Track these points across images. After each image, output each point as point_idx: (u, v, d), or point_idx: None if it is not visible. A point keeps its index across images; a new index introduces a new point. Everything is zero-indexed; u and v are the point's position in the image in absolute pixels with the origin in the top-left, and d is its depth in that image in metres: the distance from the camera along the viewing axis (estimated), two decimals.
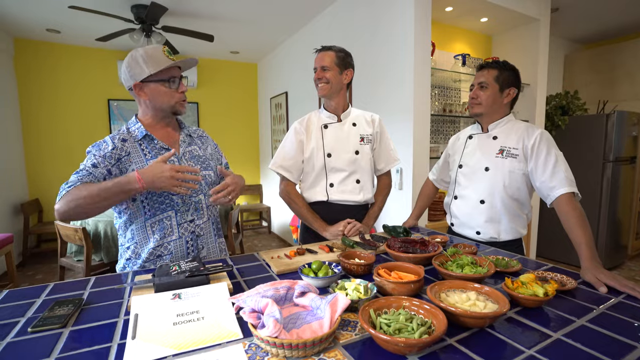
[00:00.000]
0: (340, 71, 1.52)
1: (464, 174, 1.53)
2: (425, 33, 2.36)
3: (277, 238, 5.03)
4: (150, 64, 1.14)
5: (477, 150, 1.50)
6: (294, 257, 1.21)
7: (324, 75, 1.50)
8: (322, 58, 1.51)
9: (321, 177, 1.56)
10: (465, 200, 1.52)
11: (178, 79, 1.21)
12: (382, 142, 1.64)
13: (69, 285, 1.01)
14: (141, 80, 1.15)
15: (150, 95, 1.18)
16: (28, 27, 3.74)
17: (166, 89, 1.19)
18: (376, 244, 1.32)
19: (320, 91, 1.54)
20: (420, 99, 2.39)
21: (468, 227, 1.51)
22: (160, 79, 1.17)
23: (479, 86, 1.45)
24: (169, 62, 1.16)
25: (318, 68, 1.52)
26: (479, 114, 1.47)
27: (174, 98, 1.21)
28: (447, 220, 1.66)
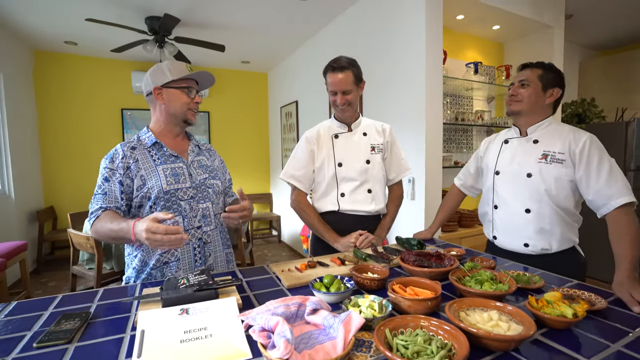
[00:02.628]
0: (357, 88, 1.50)
1: (502, 181, 1.43)
2: (436, 41, 2.33)
3: (287, 247, 5.00)
4: (173, 72, 1.22)
5: (515, 155, 1.41)
6: (305, 270, 1.18)
7: (346, 98, 1.47)
8: (343, 81, 1.44)
9: (332, 187, 1.54)
10: (508, 210, 1.42)
11: (195, 90, 1.28)
12: (393, 151, 1.61)
13: (77, 298, 1.00)
14: (162, 84, 1.22)
15: (167, 100, 1.24)
16: (47, 40, 3.86)
17: (183, 94, 1.24)
18: (389, 257, 1.28)
19: (344, 113, 1.52)
20: (433, 108, 2.35)
21: (514, 239, 1.40)
22: (179, 86, 1.24)
23: (520, 84, 1.37)
24: (191, 73, 1.25)
25: (339, 93, 1.46)
26: (517, 111, 1.39)
27: (188, 105, 1.26)
28: (485, 234, 1.57)
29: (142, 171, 1.18)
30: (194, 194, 1.24)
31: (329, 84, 1.49)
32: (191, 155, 1.30)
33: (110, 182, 1.17)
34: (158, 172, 1.19)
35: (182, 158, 1.26)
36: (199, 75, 1.28)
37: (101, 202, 1.16)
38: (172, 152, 1.25)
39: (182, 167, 1.25)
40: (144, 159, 1.21)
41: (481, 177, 1.60)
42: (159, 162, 1.22)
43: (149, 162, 1.21)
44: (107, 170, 1.17)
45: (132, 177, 1.18)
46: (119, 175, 1.17)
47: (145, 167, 1.19)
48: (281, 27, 3.62)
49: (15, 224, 3.62)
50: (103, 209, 1.15)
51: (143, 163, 1.20)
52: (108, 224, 1.09)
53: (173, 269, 1.20)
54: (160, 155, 1.24)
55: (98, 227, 1.12)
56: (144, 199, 1.18)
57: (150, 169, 1.19)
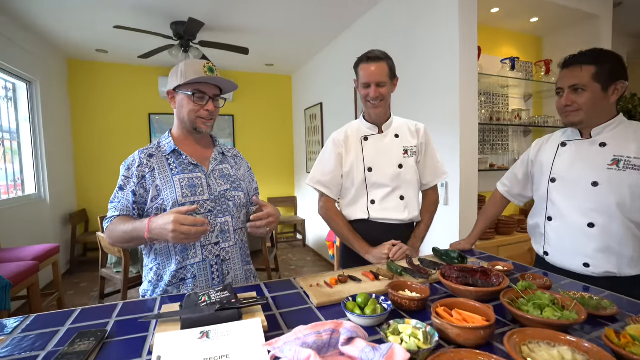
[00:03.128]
0: (391, 82, 1.39)
1: (559, 189, 1.26)
2: (471, 36, 2.18)
3: (311, 252, 4.92)
4: (186, 74, 1.12)
5: (577, 160, 1.23)
6: (335, 285, 1.08)
7: (380, 92, 1.35)
8: (377, 73, 1.33)
9: (362, 194, 1.43)
10: (565, 223, 1.24)
11: (207, 97, 1.15)
12: (428, 154, 1.48)
13: (95, 312, 0.95)
14: (173, 88, 1.15)
15: (178, 105, 1.17)
16: (80, 49, 4.00)
17: (190, 101, 1.14)
18: (428, 271, 1.16)
19: (376, 109, 1.39)
20: (467, 107, 2.20)
21: (571, 257, 1.23)
22: (186, 92, 1.14)
23: (572, 89, 1.18)
24: (201, 76, 1.12)
25: (372, 84, 1.34)
26: (577, 122, 1.21)
27: (197, 113, 1.15)
28: (535, 248, 1.40)
29: (158, 181, 1.12)
30: (212, 207, 1.15)
31: (361, 77, 1.37)
32: (213, 163, 1.21)
33: (124, 191, 1.12)
34: (174, 183, 1.12)
35: (201, 167, 1.17)
36: (215, 81, 1.15)
37: (114, 211, 1.12)
38: (192, 160, 1.17)
39: (201, 177, 1.16)
40: (160, 168, 1.14)
41: (531, 183, 1.44)
42: (176, 172, 1.14)
43: (166, 172, 1.13)
44: (122, 179, 1.13)
45: (147, 187, 1.11)
46: (132, 184, 1.11)
47: (161, 177, 1.12)
48: (305, 29, 3.56)
49: (50, 226, 3.74)
50: (116, 217, 1.10)
51: (159, 172, 1.13)
52: (121, 226, 1.04)
53: (189, 287, 1.13)
54: (178, 163, 1.15)
55: (111, 230, 1.08)
56: (158, 210, 1.11)
57: (166, 179, 1.12)
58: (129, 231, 1.03)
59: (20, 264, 2.29)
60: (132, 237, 1.03)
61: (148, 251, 1.17)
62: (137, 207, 1.12)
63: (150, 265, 1.17)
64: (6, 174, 3.29)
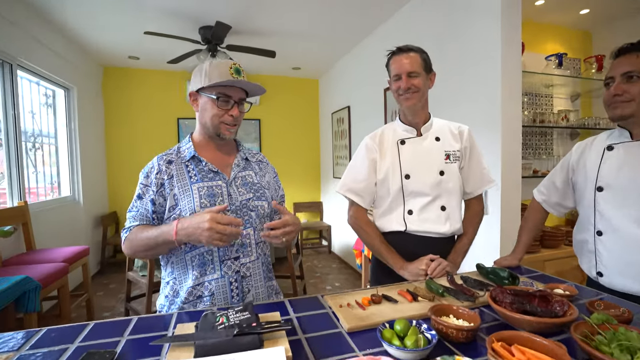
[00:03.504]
0: (426, 76, 1.26)
1: (608, 199, 1.12)
2: (514, 31, 1.99)
3: (337, 259, 4.79)
4: (210, 75, 1.04)
5: (624, 165, 1.09)
6: (368, 306, 0.96)
7: (412, 82, 1.22)
8: (409, 62, 1.22)
9: (398, 203, 1.29)
10: (618, 238, 1.09)
11: (233, 101, 1.07)
12: (473, 159, 1.33)
13: (107, 328, 0.88)
14: (196, 90, 1.07)
15: (200, 108, 1.10)
16: (114, 56, 4.13)
17: (214, 105, 1.06)
18: (474, 292, 1.01)
19: (408, 102, 1.24)
20: (510, 108, 2.01)
21: (632, 278, 1.07)
22: (210, 95, 1.06)
23: (625, 77, 1.05)
24: (227, 79, 1.03)
25: (403, 75, 1.23)
26: (627, 116, 1.07)
27: (220, 118, 1.07)
28: (585, 269, 1.23)
29: (176, 189, 1.04)
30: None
31: (392, 70, 1.26)
32: (235, 170, 1.12)
33: (142, 200, 1.05)
34: (192, 192, 1.04)
35: (222, 174, 1.09)
36: (241, 84, 1.07)
37: (132, 220, 1.05)
38: (212, 167, 1.09)
39: (221, 185, 1.07)
40: (179, 175, 1.06)
41: (572, 192, 1.27)
42: (195, 180, 1.06)
43: (184, 179, 1.06)
44: (141, 187, 1.06)
45: (165, 196, 1.04)
46: (151, 192, 1.04)
47: (179, 185, 1.05)
48: (332, 31, 3.48)
49: (83, 228, 3.85)
50: (135, 227, 1.04)
51: (178, 180, 1.05)
52: (143, 233, 0.98)
53: (207, 304, 1.04)
54: (197, 170, 1.07)
55: (131, 240, 1.02)
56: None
57: (185, 187, 1.04)
58: (154, 237, 0.96)
59: (51, 265, 2.32)
60: (157, 242, 0.97)
61: (165, 263, 1.10)
62: (157, 216, 1.05)
63: (167, 279, 1.10)
64: (44, 176, 3.41)
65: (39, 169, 3.31)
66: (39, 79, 3.27)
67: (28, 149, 3.11)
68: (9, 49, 2.68)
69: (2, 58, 2.67)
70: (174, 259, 1.07)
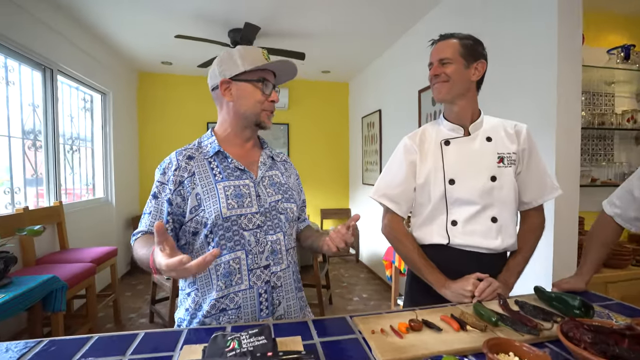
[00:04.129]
0: (466, 64, 1.10)
1: None
2: (573, 19, 1.76)
3: (365, 269, 4.59)
4: (246, 60, 0.95)
5: None
6: (406, 333, 0.80)
7: (443, 70, 1.09)
8: (440, 49, 1.12)
9: (440, 212, 1.12)
10: None
11: (271, 85, 1.00)
12: (532, 163, 1.14)
13: (112, 343, 0.79)
14: (231, 77, 0.96)
15: (236, 96, 0.97)
16: (148, 61, 4.23)
17: (255, 91, 0.97)
18: (537, 323, 0.83)
19: (436, 93, 1.13)
20: (567, 108, 1.77)
21: None
22: (252, 79, 0.96)
23: None
24: (268, 62, 0.96)
25: (434, 62, 1.12)
26: None
27: (262, 105, 0.98)
28: None
29: (199, 188, 0.93)
30: (261, 222, 0.95)
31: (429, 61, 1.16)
32: (262, 169, 1.02)
33: (158, 199, 0.94)
34: (217, 191, 0.93)
35: (249, 172, 0.98)
36: (279, 65, 0.99)
37: (145, 223, 0.94)
38: (238, 164, 0.98)
39: (249, 185, 0.96)
40: (202, 173, 0.95)
41: None
42: (220, 178, 0.95)
43: (208, 177, 0.94)
44: (157, 185, 0.95)
45: (185, 196, 0.93)
46: (168, 191, 0.93)
47: (202, 184, 0.93)
48: (363, 32, 3.36)
49: (114, 229, 3.93)
50: (143, 233, 0.93)
51: (201, 178, 0.94)
52: (141, 250, 0.85)
53: (232, 318, 0.92)
54: (223, 168, 0.96)
55: (135, 249, 0.90)
56: (198, 224, 0.92)
57: (209, 186, 0.93)
58: (143, 259, 0.82)
59: (79, 265, 2.33)
60: (146, 265, 0.81)
61: None
62: (172, 219, 0.94)
63: (187, 290, 0.98)
64: (80, 178, 3.52)
65: (75, 170, 3.41)
66: (78, 84, 3.38)
67: (66, 151, 3.21)
68: (50, 55, 2.77)
69: (44, 64, 2.77)
70: None
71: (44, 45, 2.69)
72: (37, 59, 2.67)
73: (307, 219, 1.20)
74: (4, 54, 2.38)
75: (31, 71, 2.71)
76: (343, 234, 0.90)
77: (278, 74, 1.03)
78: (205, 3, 2.77)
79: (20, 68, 2.57)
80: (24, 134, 2.62)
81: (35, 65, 2.72)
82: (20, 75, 2.58)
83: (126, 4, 2.77)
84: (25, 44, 2.47)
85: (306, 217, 1.20)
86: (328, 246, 0.92)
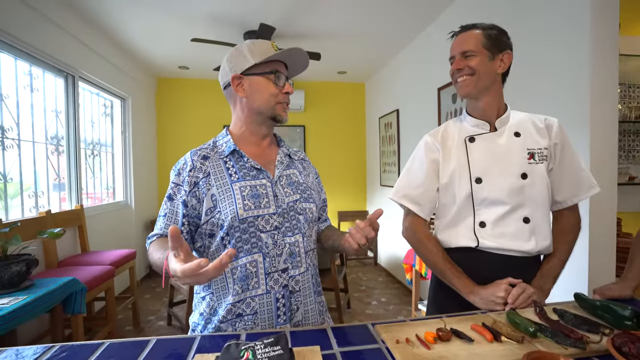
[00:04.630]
0: (491, 56, 1.02)
1: None
2: (609, 4, 1.65)
3: (384, 272, 4.49)
4: (256, 53, 0.92)
5: None
6: (434, 344, 0.74)
7: (467, 63, 1.02)
8: (462, 41, 1.04)
9: (467, 213, 1.05)
10: None
11: (284, 77, 0.96)
12: (566, 158, 1.05)
13: (122, 350, 0.76)
14: (242, 72, 0.93)
15: (249, 91, 0.94)
16: (166, 67, 4.30)
17: (269, 84, 0.94)
18: (582, 335, 0.75)
19: (462, 89, 1.05)
20: (602, 100, 1.66)
21: None
22: (264, 72, 0.93)
23: None
24: (278, 52, 0.93)
25: (457, 55, 1.05)
26: None
27: (277, 97, 0.95)
28: None
29: (214, 189, 0.90)
30: (279, 223, 0.91)
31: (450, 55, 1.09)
32: (279, 168, 0.98)
33: (173, 201, 0.91)
34: (233, 192, 0.89)
35: (266, 172, 0.95)
36: (290, 55, 0.95)
37: (160, 226, 0.92)
38: (254, 163, 0.94)
39: (266, 185, 0.93)
40: (217, 173, 0.92)
41: None
42: (236, 178, 0.91)
43: (224, 177, 0.91)
44: (172, 186, 0.93)
45: (201, 197, 0.90)
46: (183, 192, 0.90)
47: (218, 184, 0.90)
48: (379, 31, 3.30)
49: (134, 232, 3.99)
50: (158, 236, 0.90)
51: (216, 178, 0.91)
52: (155, 254, 0.83)
53: (248, 324, 0.88)
54: (239, 167, 0.93)
55: (150, 253, 0.87)
56: (214, 226, 0.89)
57: (224, 187, 0.90)
58: (157, 262, 0.81)
59: (99, 267, 2.35)
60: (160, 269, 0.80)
61: None
62: (187, 221, 0.91)
63: (202, 294, 0.95)
64: (101, 182, 3.59)
65: (96, 174, 3.48)
66: (99, 90, 3.46)
67: (87, 156, 3.28)
68: (72, 63, 2.84)
69: (66, 71, 2.84)
70: None
71: (66, 52, 2.75)
72: (60, 66, 2.74)
73: (328, 218, 1.14)
74: (30, 62, 2.44)
75: (54, 78, 2.78)
76: (362, 227, 0.84)
77: (290, 65, 0.99)
78: (221, 6, 2.78)
79: (44, 75, 2.64)
80: (48, 140, 2.69)
81: (58, 73, 2.79)
82: (44, 83, 2.65)
83: (144, 10, 2.81)
84: (49, 52, 2.53)
85: (327, 217, 1.14)
86: (349, 243, 0.86)
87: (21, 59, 2.37)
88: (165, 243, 0.84)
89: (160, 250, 0.82)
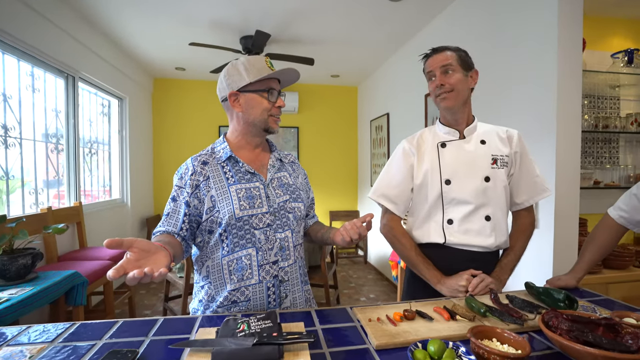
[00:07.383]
0: (465, 73, 1.17)
1: None
2: (574, 24, 1.81)
3: (373, 270, 4.65)
4: (251, 71, 1.03)
5: None
6: (400, 322, 0.88)
7: (447, 80, 1.14)
8: (441, 58, 1.16)
9: (436, 211, 1.19)
10: None
11: (277, 92, 1.08)
12: (524, 165, 1.20)
13: (134, 327, 0.88)
14: (238, 89, 1.04)
15: (245, 106, 1.05)
16: (163, 67, 4.40)
17: (263, 100, 1.05)
18: (522, 314, 0.90)
19: (445, 102, 1.17)
20: (568, 111, 1.82)
21: None
22: (258, 89, 1.04)
23: None
24: (272, 72, 1.04)
25: (436, 71, 1.16)
26: None
27: (269, 111, 1.06)
28: None
29: (213, 191, 1.02)
30: (271, 221, 1.04)
31: (426, 69, 1.20)
32: (271, 171, 1.10)
33: (177, 202, 1.03)
34: (230, 194, 1.01)
35: (259, 175, 1.06)
36: (282, 74, 1.07)
37: (164, 224, 1.03)
38: (249, 168, 1.06)
39: (259, 187, 1.05)
40: (215, 176, 1.04)
41: None
42: (233, 181, 1.03)
43: (221, 181, 1.03)
44: (175, 189, 1.05)
45: (201, 198, 1.02)
46: (186, 194, 1.02)
47: (216, 187, 1.02)
48: (371, 37, 3.44)
49: (129, 229, 4.08)
50: (161, 232, 1.01)
51: (215, 181, 1.03)
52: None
53: (242, 310, 1.02)
54: (235, 171, 1.05)
55: None
56: (213, 224, 1.02)
57: (222, 189, 1.02)
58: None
59: (98, 262, 2.46)
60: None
61: (199, 267, 1.08)
62: (188, 219, 1.02)
63: (201, 283, 1.08)
64: (98, 180, 3.68)
65: (93, 172, 3.57)
66: (97, 89, 3.55)
67: (85, 154, 3.37)
68: (73, 64, 2.93)
69: (67, 71, 2.93)
70: (210, 262, 1.05)
71: (67, 54, 2.85)
72: (61, 67, 2.84)
73: (315, 215, 1.28)
74: (32, 63, 2.54)
75: (55, 78, 2.87)
76: (358, 226, 0.96)
77: (282, 79, 1.11)
78: (221, 12, 2.89)
79: (45, 76, 2.73)
80: (47, 138, 2.78)
81: (59, 73, 2.88)
82: (45, 83, 2.74)
83: (146, 14, 2.91)
84: (50, 53, 2.62)
85: (314, 214, 1.28)
86: (342, 236, 0.98)
87: (24, 61, 2.46)
88: (166, 238, 0.97)
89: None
